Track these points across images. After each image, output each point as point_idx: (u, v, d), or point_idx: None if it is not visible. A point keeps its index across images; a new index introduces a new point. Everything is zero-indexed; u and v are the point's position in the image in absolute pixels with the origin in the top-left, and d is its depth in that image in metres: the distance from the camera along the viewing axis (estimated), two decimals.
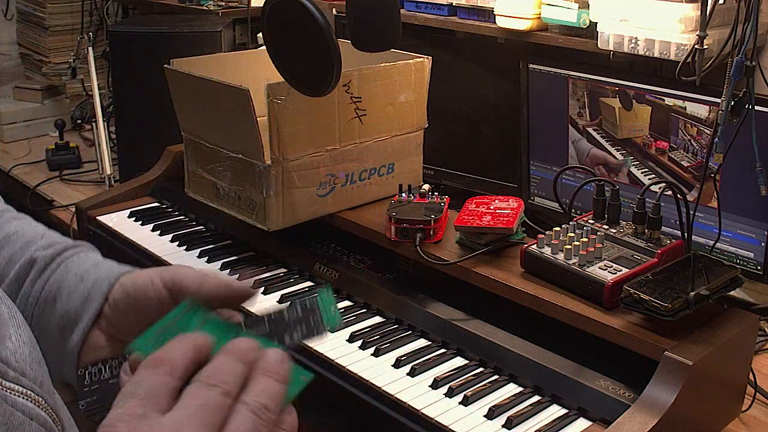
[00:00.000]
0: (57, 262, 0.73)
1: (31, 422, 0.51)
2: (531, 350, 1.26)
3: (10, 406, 0.50)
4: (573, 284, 1.27)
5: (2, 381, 0.50)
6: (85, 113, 2.94)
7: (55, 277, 0.72)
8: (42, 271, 0.72)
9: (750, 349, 1.25)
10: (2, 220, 0.76)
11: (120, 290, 0.70)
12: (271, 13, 1.39)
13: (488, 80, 1.91)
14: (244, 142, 1.55)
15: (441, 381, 1.24)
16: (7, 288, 0.71)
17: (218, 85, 1.57)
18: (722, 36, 1.41)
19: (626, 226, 1.36)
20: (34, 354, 0.56)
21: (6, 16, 3.32)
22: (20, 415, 0.50)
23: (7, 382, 0.51)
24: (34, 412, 0.52)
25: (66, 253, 0.74)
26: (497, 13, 1.75)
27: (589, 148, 1.70)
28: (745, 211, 1.47)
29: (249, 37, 2.63)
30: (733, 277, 1.23)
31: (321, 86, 1.41)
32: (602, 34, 1.57)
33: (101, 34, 3.00)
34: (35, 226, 0.78)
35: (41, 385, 0.54)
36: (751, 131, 1.36)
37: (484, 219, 1.41)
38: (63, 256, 0.73)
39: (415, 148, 1.74)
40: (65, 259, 0.73)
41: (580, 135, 1.71)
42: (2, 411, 0.49)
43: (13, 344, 0.54)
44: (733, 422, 1.24)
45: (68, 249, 0.74)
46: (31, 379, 0.53)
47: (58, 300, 0.70)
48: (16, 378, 0.52)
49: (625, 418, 1.07)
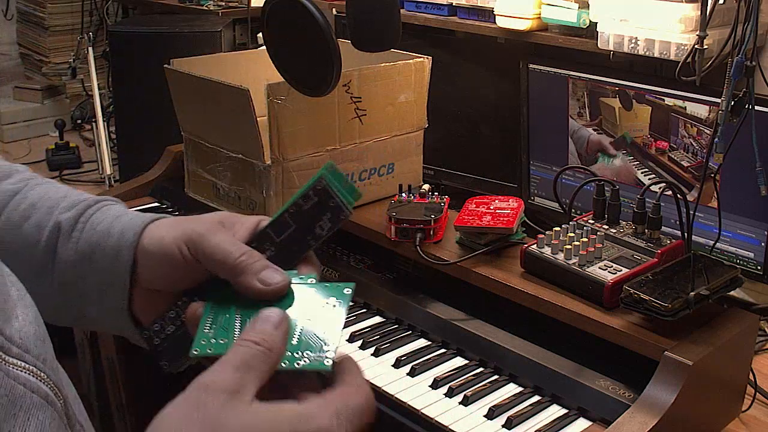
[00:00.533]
0: (82, 222, 0.71)
1: (33, 395, 0.53)
2: (531, 350, 1.26)
3: (12, 379, 0.52)
4: (573, 284, 1.27)
5: (6, 357, 0.53)
6: (85, 113, 2.94)
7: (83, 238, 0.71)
8: (70, 234, 0.71)
9: (750, 349, 1.25)
10: (27, 187, 0.75)
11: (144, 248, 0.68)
12: (271, 13, 1.39)
13: (488, 80, 1.91)
14: (244, 142, 1.55)
15: (441, 381, 1.24)
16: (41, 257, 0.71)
17: (218, 85, 1.57)
18: (722, 36, 1.41)
19: (626, 226, 1.36)
20: (39, 332, 0.58)
21: (6, 16, 3.32)
22: (22, 388, 0.53)
23: (11, 358, 0.53)
24: (36, 386, 0.54)
25: (89, 211, 0.72)
26: (497, 13, 1.75)
27: (589, 135, 1.70)
28: (745, 211, 1.47)
29: (249, 37, 2.63)
30: (733, 277, 1.23)
31: (321, 86, 1.41)
32: (602, 34, 1.57)
33: (101, 34, 3.01)
34: (58, 188, 0.77)
35: (44, 362, 0.56)
36: (751, 131, 1.36)
37: (484, 219, 1.41)
38: (86, 215, 0.72)
39: (415, 148, 1.74)
40: (89, 218, 0.72)
41: (579, 124, 1.71)
42: (5, 384, 0.51)
43: (19, 323, 0.56)
44: (733, 422, 1.23)
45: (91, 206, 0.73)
46: (34, 356, 0.55)
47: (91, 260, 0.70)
48: (19, 354, 0.54)
49: (625, 418, 1.07)
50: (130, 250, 0.68)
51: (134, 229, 0.69)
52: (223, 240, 0.64)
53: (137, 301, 0.69)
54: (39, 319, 0.59)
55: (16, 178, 0.76)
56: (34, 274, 0.71)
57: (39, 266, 0.71)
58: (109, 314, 0.70)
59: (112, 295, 0.69)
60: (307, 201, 0.63)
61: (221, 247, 0.63)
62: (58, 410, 0.56)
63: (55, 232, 0.71)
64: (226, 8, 2.66)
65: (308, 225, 0.63)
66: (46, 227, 0.71)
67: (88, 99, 2.83)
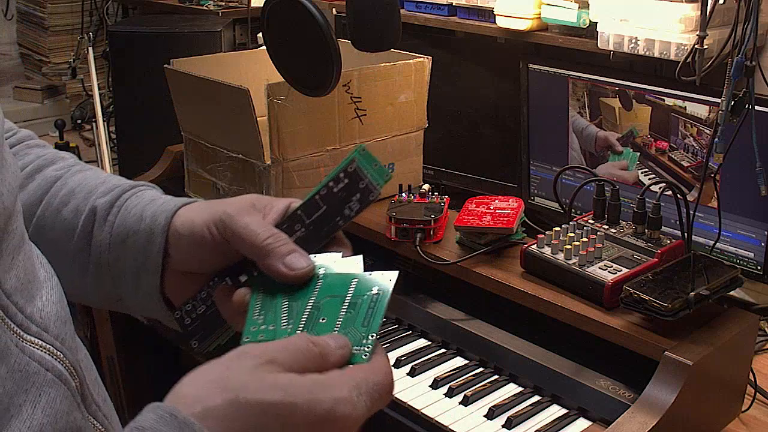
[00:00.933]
0: (117, 206, 0.73)
1: (47, 373, 0.55)
2: (531, 350, 1.26)
3: (27, 356, 0.54)
4: (573, 284, 1.27)
5: (24, 334, 0.55)
6: (85, 113, 2.94)
7: (118, 222, 0.72)
8: (105, 218, 0.72)
9: (750, 349, 1.25)
10: (68, 174, 0.77)
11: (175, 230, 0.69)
12: (271, 13, 1.40)
13: (488, 80, 1.90)
14: (244, 142, 1.55)
15: (441, 381, 1.24)
16: (78, 241, 0.72)
17: (218, 85, 1.57)
18: (722, 36, 1.41)
19: (626, 226, 1.36)
20: (61, 313, 0.60)
21: (6, 16, 3.32)
22: (36, 365, 0.54)
23: (29, 336, 0.55)
24: (51, 364, 0.56)
25: (124, 196, 0.74)
26: (497, 13, 1.75)
27: (596, 132, 1.70)
28: (745, 211, 1.47)
29: (249, 37, 2.63)
30: (733, 277, 1.23)
31: (321, 86, 1.41)
32: (602, 34, 1.57)
33: (101, 34, 3.01)
34: (98, 174, 0.78)
35: (63, 342, 0.58)
36: (751, 131, 1.36)
37: (484, 219, 1.41)
38: (121, 200, 0.73)
39: (415, 148, 1.74)
40: (124, 202, 0.73)
41: (587, 122, 1.70)
42: (20, 360, 0.53)
43: (42, 303, 0.58)
44: (733, 422, 1.23)
45: (126, 191, 0.75)
46: (53, 335, 0.57)
47: (126, 244, 0.71)
48: (38, 333, 0.56)
49: (625, 418, 1.07)
50: (162, 233, 0.69)
51: (166, 213, 0.70)
52: (252, 221, 0.65)
53: (169, 284, 0.70)
54: (63, 300, 0.61)
55: (60, 164, 0.78)
56: (73, 258, 0.73)
57: (77, 250, 0.72)
58: (143, 297, 0.71)
59: (146, 277, 0.70)
60: (337, 183, 0.65)
61: (249, 228, 0.64)
62: (72, 389, 0.57)
63: (91, 216, 0.73)
64: (226, 8, 2.66)
65: (338, 206, 0.65)
66: (83, 212, 0.73)
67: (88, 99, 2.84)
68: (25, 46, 3.26)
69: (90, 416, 0.60)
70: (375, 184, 0.64)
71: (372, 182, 0.64)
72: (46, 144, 0.83)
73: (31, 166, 0.77)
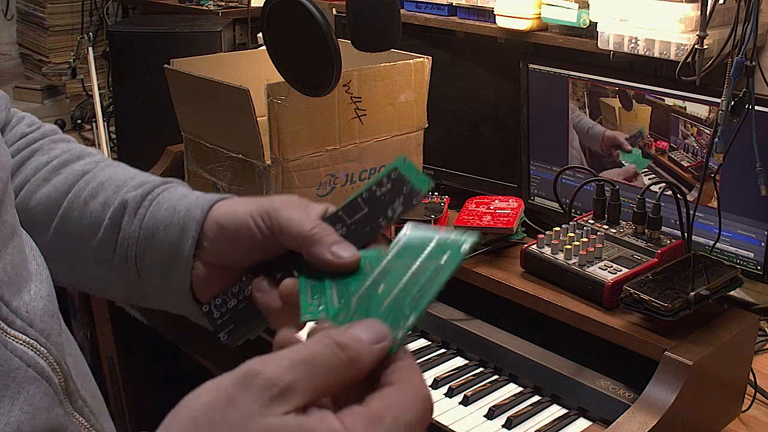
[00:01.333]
0: (149, 200, 0.72)
1: (28, 368, 0.55)
2: (531, 350, 1.26)
3: (9, 351, 0.54)
4: (573, 284, 1.27)
5: (7, 329, 0.54)
6: (85, 113, 2.94)
7: (149, 215, 0.71)
8: (136, 211, 0.72)
9: (750, 349, 1.25)
10: (97, 169, 0.77)
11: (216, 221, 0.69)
12: (271, 13, 1.39)
13: (488, 80, 1.90)
14: (244, 142, 1.55)
15: (441, 381, 1.24)
16: (104, 233, 0.71)
17: (218, 85, 1.57)
18: (722, 36, 1.41)
19: (626, 226, 1.36)
20: (49, 307, 0.59)
21: (6, 16, 3.32)
22: (18, 360, 0.54)
23: (13, 330, 0.55)
24: (33, 360, 0.55)
25: (156, 191, 0.73)
26: (497, 13, 1.75)
27: (603, 131, 1.70)
28: (745, 211, 1.47)
29: (249, 37, 2.63)
30: (733, 277, 1.23)
31: (321, 86, 1.41)
32: (602, 34, 1.57)
33: (101, 34, 3.00)
34: (128, 170, 0.79)
35: (48, 337, 0.57)
36: (751, 131, 1.36)
37: (484, 219, 1.41)
38: (154, 194, 0.73)
39: (415, 148, 1.74)
40: (156, 196, 0.73)
41: (593, 121, 1.70)
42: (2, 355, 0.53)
43: (29, 297, 0.57)
44: (733, 422, 1.23)
45: (158, 186, 0.74)
46: (38, 330, 0.57)
47: (155, 237, 0.70)
48: (22, 327, 0.56)
49: (625, 418, 1.07)
50: (197, 225, 0.68)
51: (202, 206, 0.69)
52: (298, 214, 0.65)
53: (198, 278, 0.70)
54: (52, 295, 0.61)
55: (88, 160, 0.78)
56: (98, 252, 0.72)
57: (102, 244, 0.72)
58: (170, 291, 0.71)
59: (176, 270, 0.69)
60: (380, 187, 0.65)
61: (296, 219, 0.64)
62: (54, 386, 0.57)
63: (121, 209, 0.72)
64: (226, 8, 2.66)
65: (381, 208, 0.65)
66: (111, 205, 0.72)
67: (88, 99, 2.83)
68: (25, 46, 3.26)
69: (75, 412, 0.60)
70: (418, 190, 0.64)
71: (415, 188, 0.64)
72: (71, 139, 0.83)
73: (58, 159, 0.77)
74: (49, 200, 0.73)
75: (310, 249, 0.62)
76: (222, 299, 0.68)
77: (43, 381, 0.56)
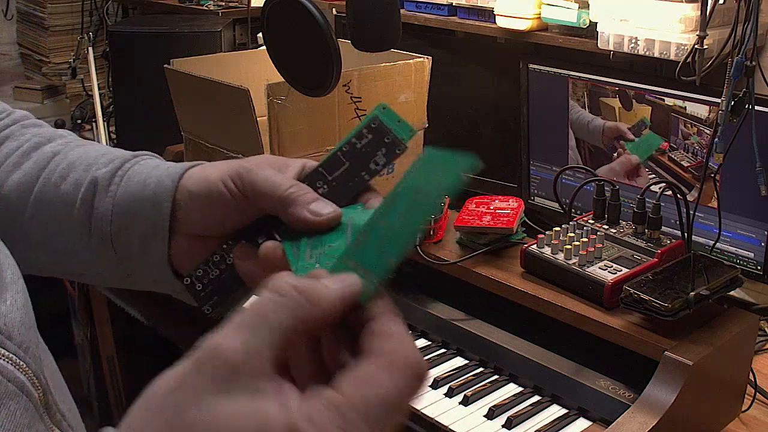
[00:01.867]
0: (119, 175, 0.70)
1: (8, 384, 0.52)
2: (531, 350, 1.26)
3: None
4: (573, 284, 1.27)
5: None
6: (85, 113, 2.94)
7: (120, 191, 0.69)
8: (107, 188, 0.69)
9: (750, 349, 1.25)
10: (67, 149, 0.74)
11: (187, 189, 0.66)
12: (271, 13, 1.39)
13: (488, 80, 1.90)
14: (244, 142, 1.55)
15: (441, 381, 1.24)
16: (78, 214, 0.69)
17: (218, 85, 1.57)
18: (722, 36, 1.41)
19: (626, 226, 1.36)
20: (26, 319, 0.56)
21: (6, 16, 3.32)
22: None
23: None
24: (12, 374, 0.53)
25: (126, 165, 0.71)
26: (497, 13, 1.75)
27: (604, 123, 1.69)
28: (745, 211, 1.47)
29: (249, 37, 2.63)
30: (733, 277, 1.23)
31: (321, 86, 1.41)
32: (602, 34, 1.57)
33: (101, 34, 3.00)
34: (98, 147, 0.75)
35: (26, 351, 0.55)
36: (751, 131, 1.36)
37: (484, 219, 1.41)
38: (123, 169, 0.70)
39: (414, 148, 1.73)
40: (126, 171, 0.70)
41: (593, 115, 1.70)
42: None
43: (6, 308, 0.55)
44: (733, 422, 1.23)
45: (128, 161, 0.71)
46: (16, 344, 0.54)
47: (129, 213, 0.68)
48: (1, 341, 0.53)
49: (625, 418, 1.07)
50: (168, 196, 0.66)
51: (172, 176, 0.67)
52: (272, 174, 0.62)
53: (176, 250, 0.67)
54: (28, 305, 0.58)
55: (58, 141, 0.76)
56: (74, 234, 0.69)
57: (77, 225, 0.69)
58: (150, 268, 0.68)
59: (153, 244, 0.67)
60: (360, 139, 0.62)
61: (270, 180, 0.61)
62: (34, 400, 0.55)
63: (92, 188, 0.69)
64: (226, 8, 2.65)
65: (363, 161, 0.62)
66: (82, 184, 0.70)
67: (88, 99, 2.83)
68: (25, 46, 3.26)
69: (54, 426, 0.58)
70: (401, 138, 0.61)
71: (397, 137, 0.61)
72: (43, 123, 0.80)
73: (28, 144, 0.74)
74: (21, 186, 0.71)
75: (288, 210, 0.59)
76: (203, 270, 0.65)
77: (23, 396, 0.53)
